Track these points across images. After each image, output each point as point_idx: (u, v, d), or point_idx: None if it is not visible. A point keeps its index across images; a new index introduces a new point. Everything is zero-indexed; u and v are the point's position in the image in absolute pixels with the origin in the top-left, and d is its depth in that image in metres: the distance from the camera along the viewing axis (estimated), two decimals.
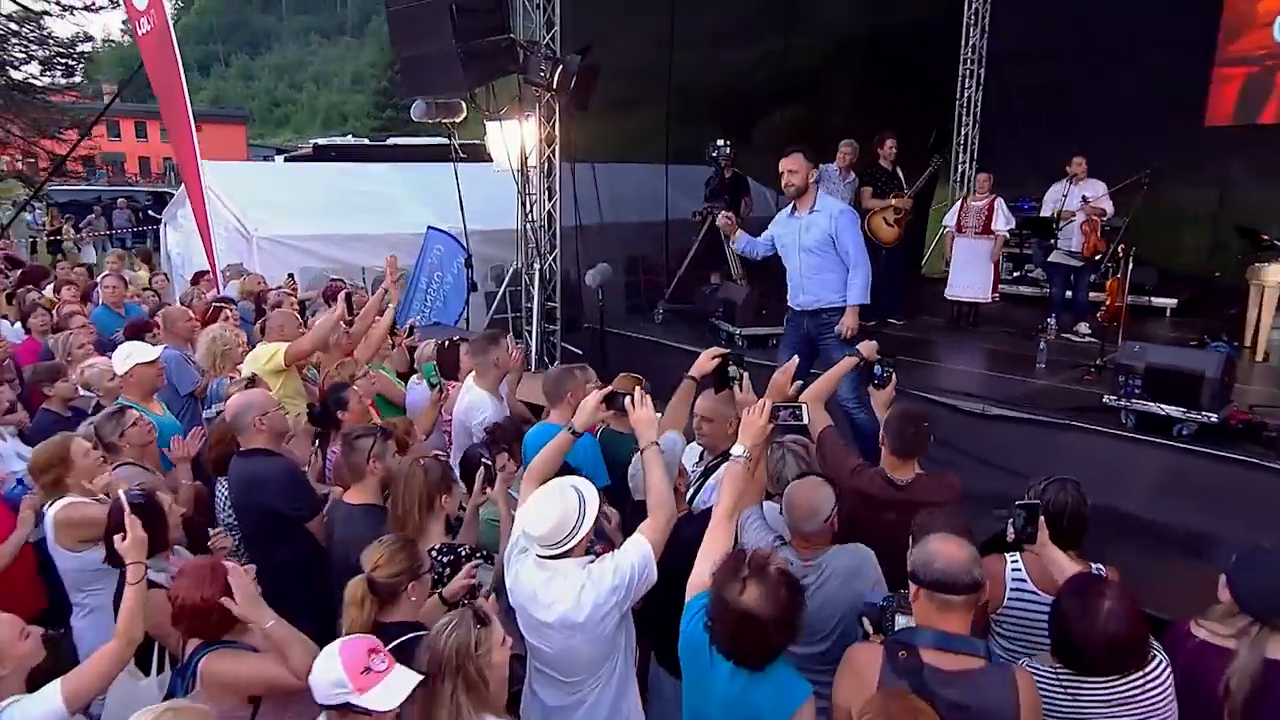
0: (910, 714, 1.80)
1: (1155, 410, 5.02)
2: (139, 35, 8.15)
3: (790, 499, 2.83)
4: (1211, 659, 2.47)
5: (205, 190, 8.24)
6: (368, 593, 2.52)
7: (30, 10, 17.78)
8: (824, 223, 5.10)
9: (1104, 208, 7.54)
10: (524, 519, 2.68)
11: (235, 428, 3.52)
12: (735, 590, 2.18)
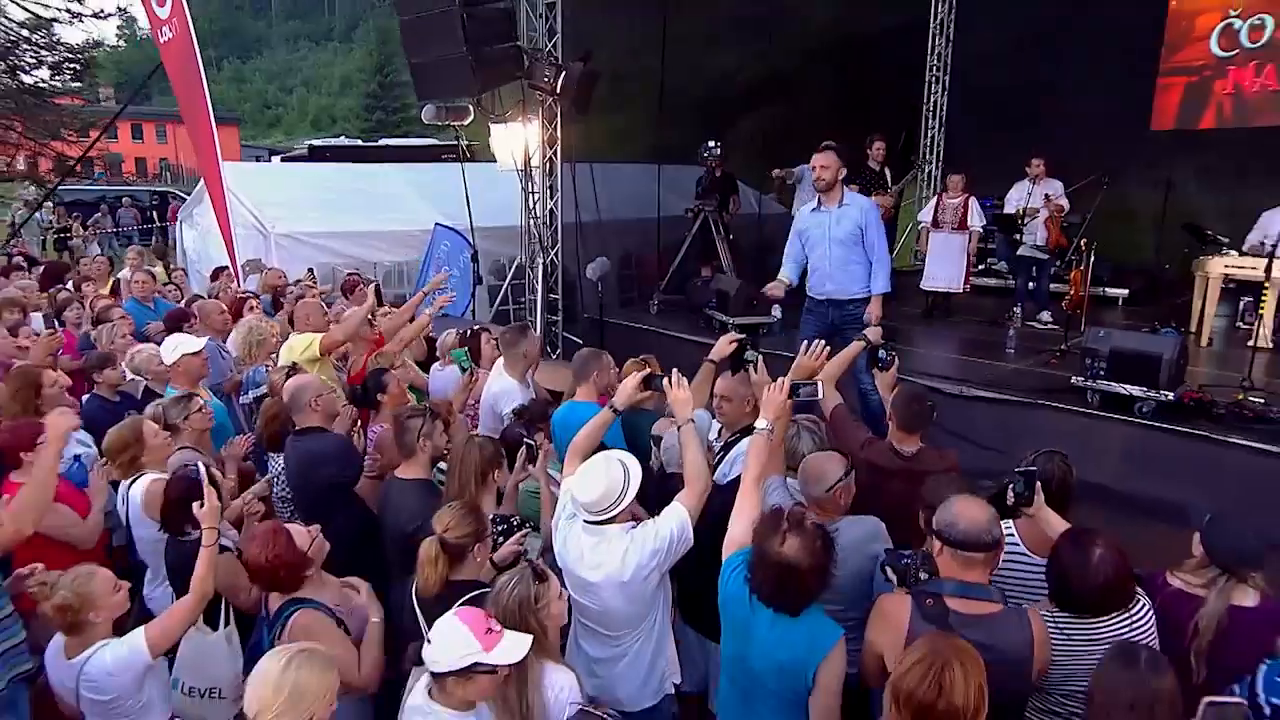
0: (956, 651, 1.91)
1: (1118, 390, 5.23)
2: (160, 43, 8.07)
3: (803, 468, 2.98)
4: (1184, 604, 2.64)
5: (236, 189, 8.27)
6: (440, 552, 2.62)
7: (41, 18, 17.50)
8: (855, 215, 5.16)
9: (1064, 204, 7.75)
10: (574, 488, 2.80)
11: (291, 408, 3.59)
12: (776, 543, 2.32)
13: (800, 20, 10.15)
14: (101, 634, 2.45)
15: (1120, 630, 2.45)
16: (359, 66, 55.28)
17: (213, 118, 7.71)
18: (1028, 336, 7.17)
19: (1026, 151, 8.59)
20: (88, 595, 2.41)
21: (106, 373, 4.68)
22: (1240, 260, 7.04)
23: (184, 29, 7.58)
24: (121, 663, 2.38)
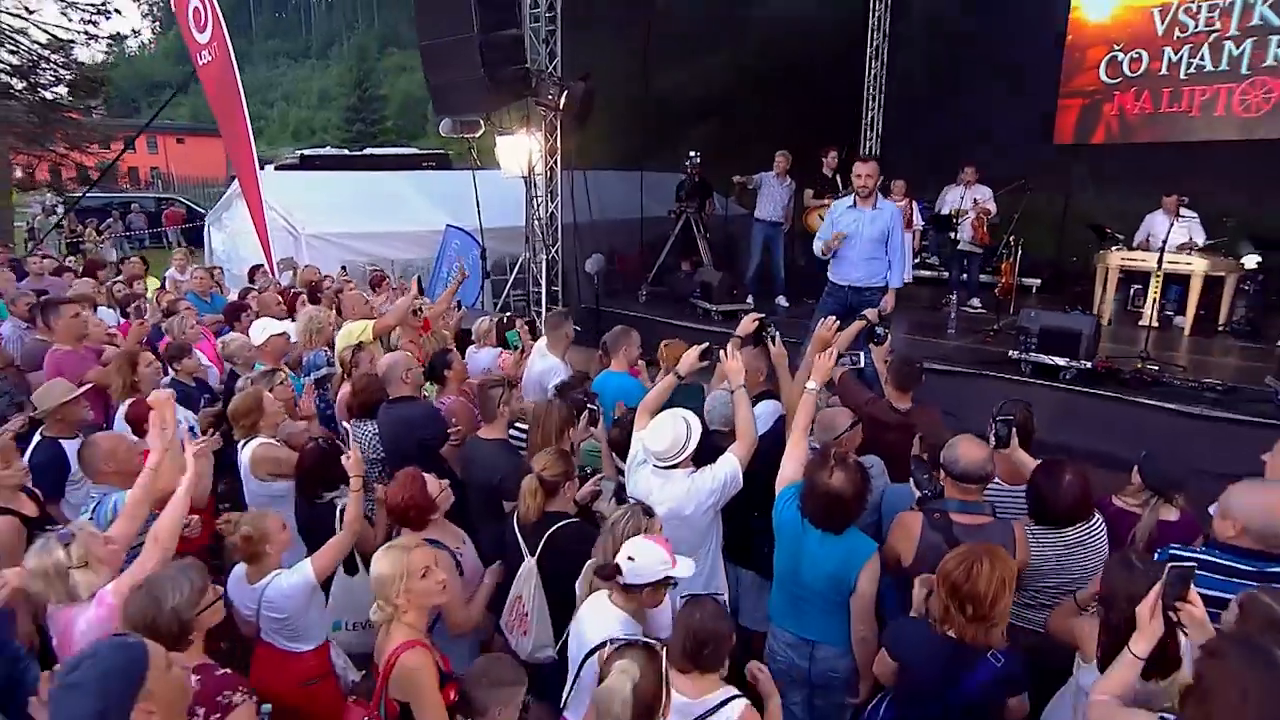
0: (990, 552, 2.20)
1: (1046, 360, 5.63)
2: (199, 65, 7.92)
3: (819, 419, 3.29)
4: (1124, 520, 3.01)
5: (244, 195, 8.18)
6: (539, 487, 2.85)
7: (59, 39, 16.95)
8: (885, 219, 5.27)
9: (990, 208, 8.05)
10: (646, 438, 3.05)
11: (386, 380, 3.75)
12: (825, 476, 2.62)
13: (758, 46, 10.25)
14: (274, 564, 2.61)
15: (1082, 537, 2.81)
16: (336, 81, 53.84)
17: (251, 133, 7.62)
18: (963, 319, 7.42)
19: (951, 161, 8.88)
20: (264, 531, 2.58)
21: (185, 361, 4.74)
22: (1132, 254, 7.50)
23: (223, 52, 7.45)
24: (295, 588, 2.55)
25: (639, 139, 9.31)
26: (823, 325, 3.54)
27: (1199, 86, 9.62)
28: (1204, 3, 9.46)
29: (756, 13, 10.12)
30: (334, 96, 53.76)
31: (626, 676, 1.70)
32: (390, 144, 34.62)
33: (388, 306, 5.97)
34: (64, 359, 4.47)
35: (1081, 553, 2.79)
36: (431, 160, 25.16)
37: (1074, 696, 2.40)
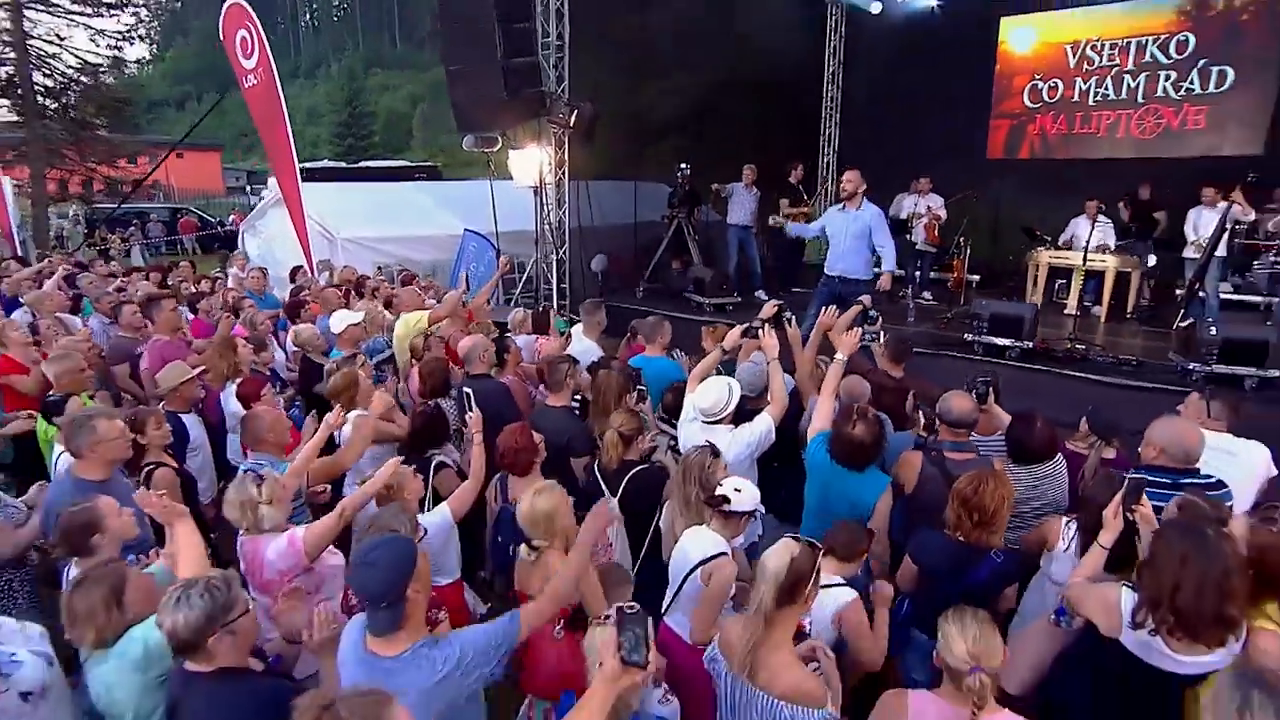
0: (995, 475, 2.57)
1: (996, 342, 6.09)
2: (245, 88, 7.92)
3: (844, 385, 3.63)
4: (1075, 459, 3.44)
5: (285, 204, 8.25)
6: (619, 440, 3.15)
7: (89, 63, 16.73)
8: (866, 218, 5.69)
9: (941, 214, 8.47)
10: (696, 398, 3.38)
11: (467, 359, 4.00)
12: (850, 426, 2.98)
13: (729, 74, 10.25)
14: (411, 509, 2.86)
15: (1049, 471, 3.19)
16: (324, 99, 52.81)
17: (293, 147, 7.68)
18: (919, 309, 7.80)
19: (899, 174, 9.17)
20: (402, 483, 2.84)
21: (263, 354, 4.87)
22: (1058, 253, 8.00)
23: (268, 77, 7.49)
24: (436, 527, 2.77)
25: (632, 153, 9.50)
26: (825, 313, 3.88)
27: (1104, 111, 10.25)
28: (1106, 41, 10.09)
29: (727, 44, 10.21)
30: (323, 113, 52.66)
31: (788, 551, 1.99)
32: (378, 157, 34.23)
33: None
34: (165, 347, 4.61)
35: (1048, 484, 3.18)
36: (422, 171, 25.05)
37: (1042, 580, 2.83)
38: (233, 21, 7.63)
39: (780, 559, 2.00)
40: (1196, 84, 9.45)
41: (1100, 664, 2.22)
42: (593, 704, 1.58)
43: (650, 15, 8.90)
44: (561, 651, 2.37)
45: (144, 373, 4.61)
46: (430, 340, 4.66)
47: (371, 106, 47.27)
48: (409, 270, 7.83)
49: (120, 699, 2.04)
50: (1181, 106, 9.64)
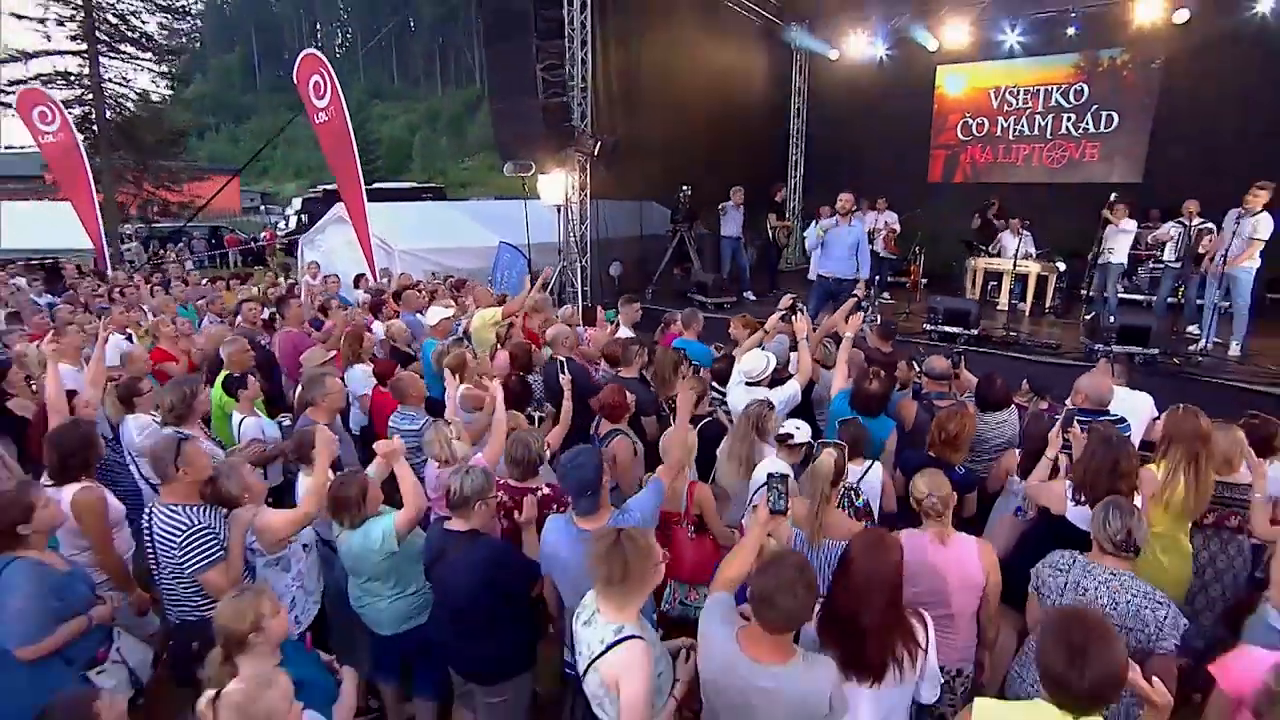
0: (963, 410, 3.18)
1: (948, 330, 6.74)
2: (316, 124, 8.22)
3: (852, 357, 4.24)
4: (1020, 409, 4.13)
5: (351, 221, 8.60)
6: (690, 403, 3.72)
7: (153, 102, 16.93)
8: (858, 231, 6.46)
9: (896, 228, 9.18)
10: (742, 365, 3.97)
11: (552, 344, 4.51)
12: (868, 383, 3.60)
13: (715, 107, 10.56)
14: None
15: (1005, 418, 3.84)
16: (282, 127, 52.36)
17: (360, 173, 7.95)
18: (881, 308, 8.15)
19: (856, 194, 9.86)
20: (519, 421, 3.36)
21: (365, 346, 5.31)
22: (991, 261, 8.77)
23: (339, 113, 7.73)
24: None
25: (636, 177, 9.95)
26: (835, 311, 4.52)
27: (1021, 145, 11.12)
28: (1021, 88, 10.97)
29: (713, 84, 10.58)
30: None
31: (831, 454, 2.60)
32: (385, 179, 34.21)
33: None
34: (295, 337, 5.05)
35: (1005, 426, 3.83)
36: (429, 192, 25.17)
37: (1008, 496, 3.49)
38: (307, 68, 7.96)
39: (828, 458, 2.62)
40: (1091, 124, 10.41)
41: (1054, 534, 2.89)
42: (748, 541, 2.15)
43: (648, 62, 9.44)
44: (694, 547, 2.95)
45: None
46: (512, 329, 5.15)
47: (376, 134, 46.84)
48: (456, 276, 8.24)
49: (361, 562, 2.59)
50: (1080, 142, 10.59)
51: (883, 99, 11.58)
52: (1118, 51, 10.08)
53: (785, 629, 1.70)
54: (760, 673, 1.71)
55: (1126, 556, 2.15)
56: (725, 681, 1.77)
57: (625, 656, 1.78)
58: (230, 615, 1.86)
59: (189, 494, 2.45)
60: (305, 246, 10.71)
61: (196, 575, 2.37)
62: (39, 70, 16.06)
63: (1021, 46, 10.54)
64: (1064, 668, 1.49)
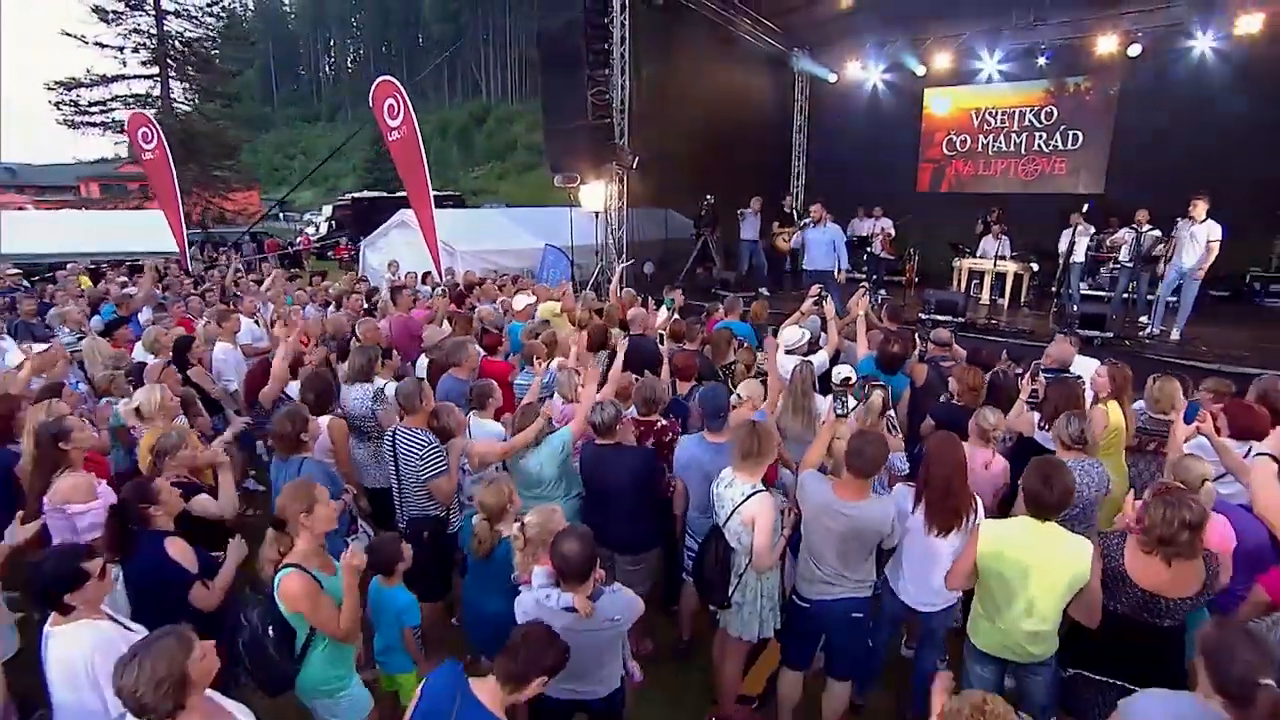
0: (976, 370, 4.12)
1: (940, 318, 7.59)
2: (389, 140, 8.73)
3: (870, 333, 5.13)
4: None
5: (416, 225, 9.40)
6: (748, 373, 4.59)
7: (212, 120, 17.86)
8: (831, 233, 7.42)
9: (891, 232, 10.08)
10: (782, 337, 4.82)
11: (630, 324, 5.36)
12: (889, 347, 4.47)
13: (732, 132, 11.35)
14: None
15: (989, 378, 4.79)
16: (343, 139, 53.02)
17: (429, 185, 8.53)
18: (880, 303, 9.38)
19: (852, 202, 10.67)
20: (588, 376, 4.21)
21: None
22: (975, 261, 9.63)
23: (411, 131, 8.30)
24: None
25: (661, 187, 10.70)
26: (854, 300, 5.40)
27: (999, 160, 12.06)
28: (999, 109, 11.90)
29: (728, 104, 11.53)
30: (344, 151, 52.52)
31: (880, 394, 3.46)
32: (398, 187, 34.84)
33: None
34: (406, 319, 5.89)
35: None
36: (450, 199, 25.86)
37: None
38: (382, 92, 8.73)
39: (878, 397, 3.49)
40: (1059, 142, 11.37)
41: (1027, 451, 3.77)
42: (823, 435, 3.02)
43: (671, 86, 10.26)
44: None
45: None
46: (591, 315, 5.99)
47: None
48: (510, 273, 9.06)
49: (545, 471, 3.41)
50: (1051, 158, 11.55)
51: (876, 117, 12.52)
52: (1082, 79, 11.04)
53: (865, 474, 2.57)
54: (847, 506, 2.59)
55: (1079, 448, 3.03)
56: (822, 515, 2.64)
57: (757, 503, 2.66)
58: (492, 496, 2.70)
59: (423, 422, 3.28)
60: (367, 249, 11.46)
61: (428, 481, 3.20)
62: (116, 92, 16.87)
63: (1000, 73, 11.50)
64: (1039, 488, 2.37)
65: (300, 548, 2.25)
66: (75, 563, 1.93)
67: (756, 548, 2.63)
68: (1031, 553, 2.39)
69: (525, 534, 2.37)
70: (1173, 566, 2.28)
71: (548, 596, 2.15)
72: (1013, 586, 2.43)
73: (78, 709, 1.90)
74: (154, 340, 4.83)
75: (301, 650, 2.24)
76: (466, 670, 1.82)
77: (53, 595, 1.91)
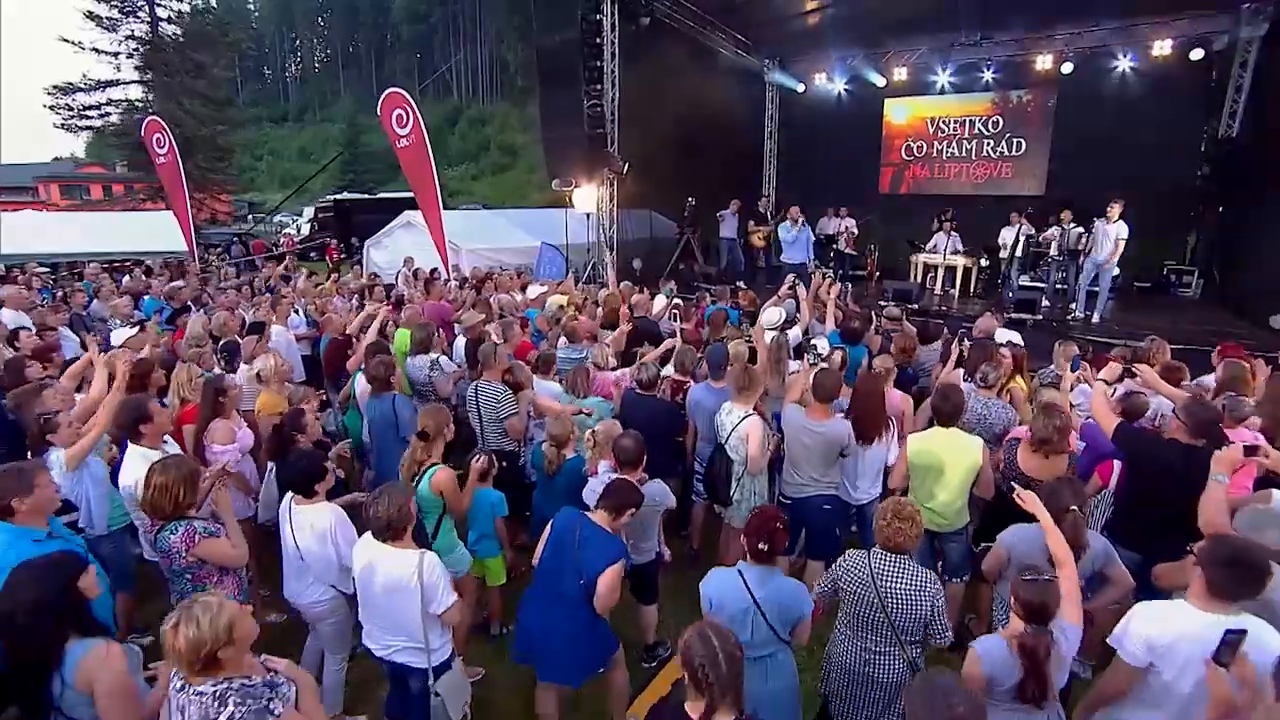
0: (908, 339, 5.24)
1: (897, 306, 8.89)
2: (397, 147, 9.25)
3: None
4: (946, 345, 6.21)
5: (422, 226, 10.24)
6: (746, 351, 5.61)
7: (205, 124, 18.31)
8: (807, 233, 8.75)
9: (855, 231, 11.28)
10: (764, 317, 5.86)
11: (635, 306, 6.36)
12: (850, 324, 5.56)
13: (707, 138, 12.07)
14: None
15: (938, 347, 5.90)
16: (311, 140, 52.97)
17: (438, 190, 9.25)
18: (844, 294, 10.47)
19: (819, 201, 11.55)
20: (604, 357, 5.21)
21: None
22: (928, 256, 10.82)
23: (419, 139, 8.96)
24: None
25: (645, 190, 11.66)
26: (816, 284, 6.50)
27: (952, 164, 13.32)
28: (951, 118, 13.12)
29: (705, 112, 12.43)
30: (311, 152, 52.49)
31: (839, 354, 4.54)
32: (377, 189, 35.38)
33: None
34: (439, 306, 6.78)
35: (934, 352, 5.83)
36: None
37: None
38: (391, 103, 9.50)
39: (838, 355, 4.56)
40: (1005, 149, 12.73)
41: None
42: (799, 380, 4.06)
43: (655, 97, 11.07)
44: None
45: None
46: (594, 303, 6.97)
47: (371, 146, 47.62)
48: (510, 269, 9.97)
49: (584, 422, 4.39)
50: (998, 163, 12.90)
51: (841, 124, 13.66)
52: (1023, 92, 12.41)
53: (826, 400, 3.61)
54: (816, 425, 3.63)
55: (989, 388, 4.13)
56: (800, 434, 3.68)
57: (749, 423, 3.68)
58: (559, 428, 3.65)
59: (497, 377, 4.22)
60: (371, 248, 12.19)
61: (504, 421, 4.15)
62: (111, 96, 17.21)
63: (951, 85, 12.81)
64: (939, 403, 3.46)
65: (438, 453, 3.20)
66: (321, 462, 2.88)
67: (750, 455, 3.65)
68: (941, 450, 3.47)
69: (595, 439, 3.35)
70: (1049, 459, 3.37)
71: (610, 481, 3.13)
72: (931, 475, 3.50)
73: (322, 557, 2.86)
74: (223, 324, 5.65)
75: (434, 530, 3.18)
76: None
77: (303, 484, 2.84)
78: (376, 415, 4.01)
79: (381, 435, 4.00)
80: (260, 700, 1.77)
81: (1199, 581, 2.00)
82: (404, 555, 2.52)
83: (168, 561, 2.63)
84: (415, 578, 2.48)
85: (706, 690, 1.68)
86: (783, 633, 2.41)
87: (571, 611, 2.67)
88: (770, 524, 2.42)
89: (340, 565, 2.82)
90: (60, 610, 1.90)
